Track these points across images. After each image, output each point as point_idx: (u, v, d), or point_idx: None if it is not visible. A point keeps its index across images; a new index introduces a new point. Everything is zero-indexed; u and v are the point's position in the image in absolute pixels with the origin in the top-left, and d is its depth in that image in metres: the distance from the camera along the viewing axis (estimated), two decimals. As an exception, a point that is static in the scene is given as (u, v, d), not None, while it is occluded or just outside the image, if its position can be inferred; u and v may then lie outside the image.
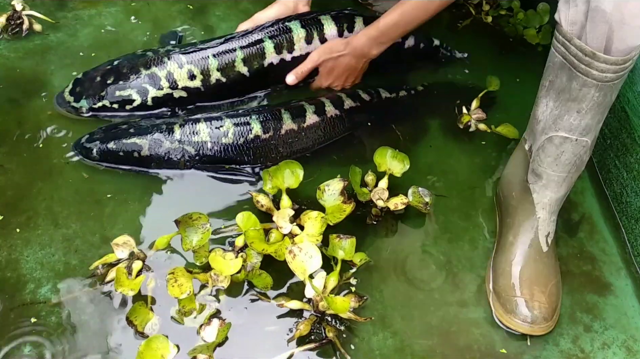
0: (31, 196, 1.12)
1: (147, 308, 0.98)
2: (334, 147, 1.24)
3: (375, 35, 1.23)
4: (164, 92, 1.22)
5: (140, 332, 0.96)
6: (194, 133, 1.16)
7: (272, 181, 1.10)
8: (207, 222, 1.02)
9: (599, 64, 0.90)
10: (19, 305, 0.99)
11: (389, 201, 1.12)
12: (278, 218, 1.06)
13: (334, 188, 1.09)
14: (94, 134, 1.17)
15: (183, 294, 0.96)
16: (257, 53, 1.26)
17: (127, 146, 1.15)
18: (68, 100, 1.23)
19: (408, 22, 1.21)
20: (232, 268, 0.99)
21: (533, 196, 1.06)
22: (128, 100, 1.22)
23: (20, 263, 1.04)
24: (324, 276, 0.99)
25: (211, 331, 0.95)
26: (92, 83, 1.22)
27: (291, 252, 0.97)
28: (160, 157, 1.15)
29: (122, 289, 0.96)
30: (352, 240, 1.04)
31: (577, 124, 0.98)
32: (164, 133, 1.15)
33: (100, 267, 1.02)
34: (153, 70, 1.22)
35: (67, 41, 1.39)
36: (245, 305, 1.01)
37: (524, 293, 1.01)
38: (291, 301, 1.00)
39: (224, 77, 1.25)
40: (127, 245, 1.02)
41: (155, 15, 1.46)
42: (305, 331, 0.97)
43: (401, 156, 1.16)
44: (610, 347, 1.03)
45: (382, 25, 1.22)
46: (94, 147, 1.15)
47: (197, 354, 0.93)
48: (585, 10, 0.88)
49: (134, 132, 1.16)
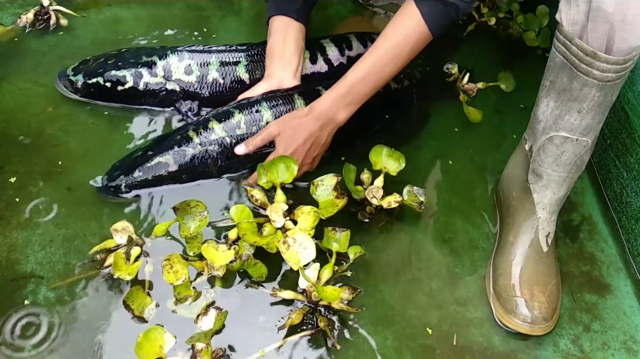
0: (31, 196, 1.12)
1: (144, 292, 0.99)
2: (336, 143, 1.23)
3: (342, 94, 1.09)
4: (157, 80, 1.23)
5: (137, 316, 0.97)
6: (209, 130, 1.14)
7: (266, 175, 1.10)
8: (204, 209, 1.03)
9: (600, 64, 0.90)
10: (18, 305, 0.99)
11: (383, 199, 1.12)
12: (271, 211, 1.06)
13: (327, 183, 1.09)
14: (113, 171, 1.13)
15: (178, 280, 0.97)
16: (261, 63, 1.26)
17: (153, 168, 1.12)
18: (67, 74, 1.25)
19: (379, 73, 1.08)
20: (224, 258, 0.99)
21: (533, 196, 1.06)
22: (121, 81, 1.23)
23: (20, 263, 1.04)
24: (317, 267, 1.00)
25: (209, 320, 0.96)
26: (94, 63, 1.25)
27: (285, 243, 0.98)
28: (189, 166, 1.13)
29: (120, 273, 0.97)
30: (347, 233, 1.04)
31: (578, 124, 0.98)
32: (183, 142, 1.13)
33: (100, 252, 1.03)
34: (153, 58, 1.24)
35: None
36: (240, 293, 1.02)
37: (524, 293, 1.01)
38: (284, 291, 1.01)
39: (221, 79, 1.25)
40: (126, 231, 1.02)
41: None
42: (297, 319, 0.98)
43: (397, 155, 1.15)
44: (610, 347, 1.03)
45: (349, 80, 1.09)
46: (121, 183, 1.11)
47: (195, 342, 0.93)
48: (587, 10, 0.88)
49: (153, 153, 1.13)
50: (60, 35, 1.39)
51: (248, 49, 1.27)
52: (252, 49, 1.28)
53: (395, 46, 1.08)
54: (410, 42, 1.07)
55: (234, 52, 1.26)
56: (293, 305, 1.02)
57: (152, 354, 0.91)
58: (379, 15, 1.43)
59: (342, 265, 1.05)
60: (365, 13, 1.45)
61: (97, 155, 1.18)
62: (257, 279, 1.03)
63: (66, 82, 1.25)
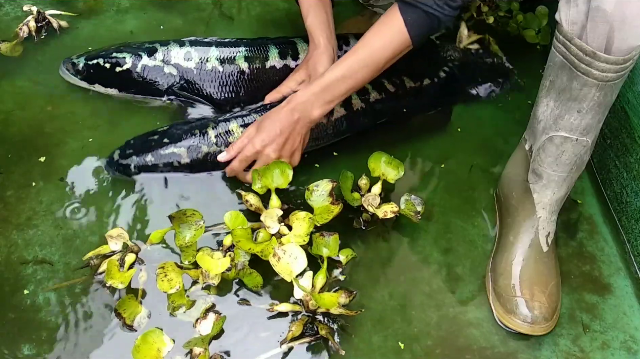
0: (31, 196, 1.12)
1: (137, 301, 0.99)
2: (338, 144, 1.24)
3: (318, 91, 1.08)
4: (156, 63, 1.24)
5: (128, 325, 0.97)
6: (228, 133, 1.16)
7: (261, 181, 1.09)
8: (200, 219, 1.02)
9: (599, 64, 0.90)
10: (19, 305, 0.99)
11: (379, 208, 1.11)
12: (266, 217, 1.05)
13: (322, 188, 1.08)
14: (126, 149, 1.15)
15: (172, 289, 0.96)
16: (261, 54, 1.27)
17: (166, 156, 1.14)
18: (72, 58, 1.28)
19: (356, 75, 1.08)
20: (220, 266, 0.99)
21: (534, 196, 1.06)
22: (120, 62, 1.25)
23: (20, 263, 1.03)
24: (310, 275, 0.99)
25: (207, 324, 0.95)
26: (100, 51, 1.28)
27: (275, 255, 0.97)
28: (201, 162, 1.15)
29: (113, 281, 0.97)
30: (335, 237, 1.03)
31: (578, 124, 0.98)
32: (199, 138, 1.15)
33: (94, 258, 1.02)
34: (155, 45, 1.26)
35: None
36: (237, 301, 1.02)
37: (524, 293, 1.01)
38: (281, 305, 1.00)
39: (220, 67, 1.25)
40: (121, 238, 1.02)
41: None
42: (298, 331, 0.97)
43: (396, 162, 1.14)
44: (610, 347, 1.03)
45: (326, 79, 1.08)
46: (131, 163, 1.13)
47: (193, 346, 0.93)
48: (586, 10, 0.88)
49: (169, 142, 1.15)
50: (60, 35, 1.39)
51: (249, 42, 1.29)
52: (254, 41, 1.29)
53: (375, 51, 1.08)
54: (390, 48, 1.07)
55: (235, 43, 1.28)
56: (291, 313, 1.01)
57: (150, 357, 0.91)
58: (379, 16, 1.42)
59: (336, 269, 1.05)
60: (365, 13, 1.44)
61: (97, 154, 1.18)
62: (253, 288, 1.02)
63: (69, 64, 1.28)
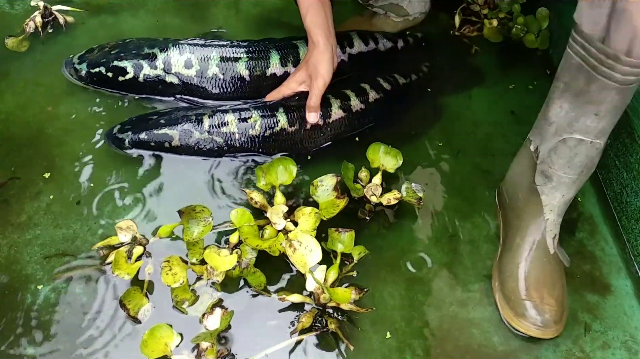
0: (32, 196, 1.12)
1: (142, 293, 0.99)
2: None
3: None
4: (157, 72, 1.24)
5: (132, 316, 0.97)
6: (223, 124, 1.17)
7: (265, 178, 1.10)
8: (209, 216, 1.03)
9: (622, 67, 0.86)
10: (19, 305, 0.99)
11: (382, 197, 1.12)
12: (272, 214, 1.06)
13: (327, 183, 1.09)
14: (126, 124, 1.19)
15: (176, 283, 0.97)
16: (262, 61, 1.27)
17: (158, 136, 1.17)
18: (73, 62, 1.28)
19: None
20: (227, 264, 0.99)
21: (541, 198, 1.04)
22: (122, 72, 1.25)
23: (20, 263, 1.03)
24: (324, 269, 0.99)
25: (214, 319, 0.95)
26: (99, 52, 1.28)
27: (292, 246, 0.98)
28: (190, 146, 1.17)
29: (119, 272, 0.98)
30: (351, 233, 1.04)
31: (594, 127, 0.95)
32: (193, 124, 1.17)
33: (103, 248, 1.03)
34: (154, 50, 1.25)
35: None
36: (245, 295, 1.02)
37: (534, 296, 1.00)
38: (292, 295, 1.00)
39: (221, 74, 1.25)
40: (130, 230, 1.02)
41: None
42: (308, 323, 0.98)
43: (394, 152, 1.16)
44: (610, 347, 1.03)
45: None
46: (126, 138, 1.17)
47: (200, 341, 0.93)
48: (609, 12, 0.83)
49: (164, 123, 1.18)
50: (66, 31, 1.38)
51: (249, 45, 1.28)
52: (254, 45, 1.28)
53: None
54: None
55: (235, 47, 1.27)
56: (300, 308, 1.01)
57: (158, 352, 0.91)
58: (379, 15, 1.43)
59: (345, 265, 1.05)
60: (364, 13, 1.44)
61: (96, 154, 1.18)
62: (256, 287, 1.02)
63: (71, 69, 1.28)
